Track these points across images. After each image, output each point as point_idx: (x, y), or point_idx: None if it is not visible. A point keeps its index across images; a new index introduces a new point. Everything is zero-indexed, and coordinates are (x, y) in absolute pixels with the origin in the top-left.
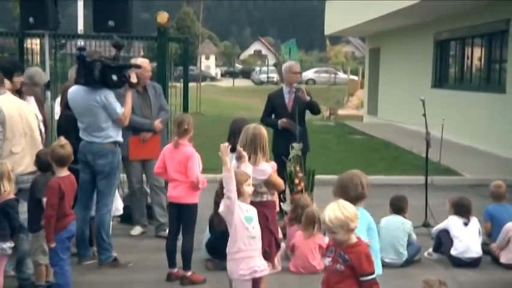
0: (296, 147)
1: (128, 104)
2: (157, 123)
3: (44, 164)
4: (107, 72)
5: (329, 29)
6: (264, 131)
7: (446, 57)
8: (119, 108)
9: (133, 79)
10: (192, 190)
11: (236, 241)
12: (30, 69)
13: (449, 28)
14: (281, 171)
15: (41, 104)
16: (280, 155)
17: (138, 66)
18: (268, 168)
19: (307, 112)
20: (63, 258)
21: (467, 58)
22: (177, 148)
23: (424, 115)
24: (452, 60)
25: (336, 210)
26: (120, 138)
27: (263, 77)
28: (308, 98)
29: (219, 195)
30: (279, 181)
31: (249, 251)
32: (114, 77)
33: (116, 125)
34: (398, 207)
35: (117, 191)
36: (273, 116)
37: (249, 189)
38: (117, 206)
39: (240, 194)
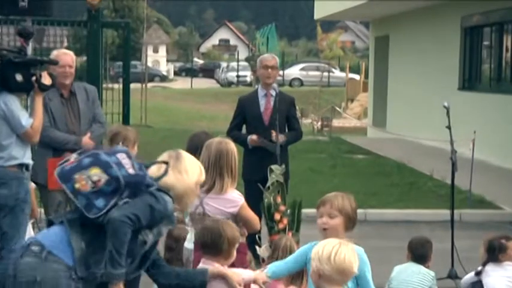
0: (276, 171)
1: (37, 114)
2: (87, 140)
3: None
4: (8, 70)
5: (320, 11)
6: (232, 146)
7: (478, 49)
8: (25, 120)
9: (46, 80)
10: None
11: None
12: None
13: (482, 10)
14: (255, 203)
15: None
16: (253, 182)
17: (53, 62)
18: (239, 197)
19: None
20: None
21: (507, 50)
22: None
23: (449, 127)
24: (487, 53)
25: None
26: (28, 160)
27: (231, 75)
28: (282, 140)
29: (172, 236)
30: (253, 217)
31: None
32: (19, 77)
33: (22, 141)
34: (420, 254)
35: (31, 230)
36: (244, 129)
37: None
38: None
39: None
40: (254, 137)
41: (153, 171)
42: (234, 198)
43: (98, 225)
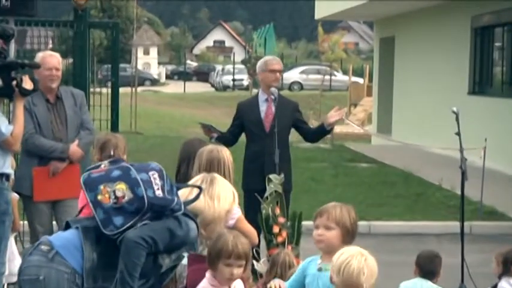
0: (275, 181)
1: (18, 120)
2: (75, 148)
3: None
4: None
5: (321, 10)
6: (224, 154)
7: (489, 50)
8: (4, 127)
9: (27, 84)
10: None
11: None
12: None
13: (493, 9)
14: (253, 215)
15: None
16: (253, 192)
17: (35, 65)
18: (236, 210)
19: (292, 130)
20: None
21: None
22: None
23: (458, 134)
24: (499, 55)
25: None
26: (8, 170)
27: (227, 79)
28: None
29: None
30: (251, 230)
31: None
32: None
33: (2, 150)
34: (429, 270)
35: (13, 244)
36: (243, 136)
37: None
38: (12, 269)
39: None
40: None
41: (185, 193)
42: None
43: (114, 240)
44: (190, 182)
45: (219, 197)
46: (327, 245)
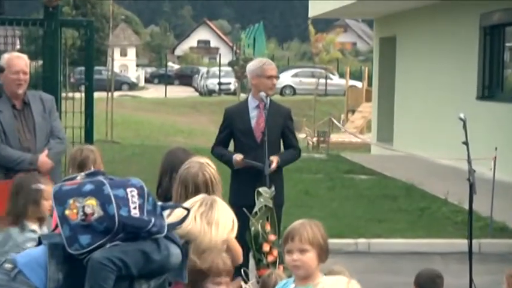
0: (265, 194)
1: None
2: (44, 159)
3: None
4: None
5: (315, 8)
6: (212, 172)
7: (500, 51)
8: None
9: None
10: None
11: None
12: None
13: (504, 6)
14: (241, 232)
15: None
16: (240, 207)
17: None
18: None
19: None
20: None
21: None
22: None
23: (466, 143)
24: (510, 57)
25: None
26: None
27: (212, 83)
28: (273, 166)
29: None
30: (236, 247)
31: None
32: None
33: None
34: None
35: None
36: (231, 145)
37: None
38: None
39: None
40: (238, 157)
41: (177, 215)
42: None
43: (81, 260)
44: (189, 202)
45: (217, 224)
46: (305, 270)
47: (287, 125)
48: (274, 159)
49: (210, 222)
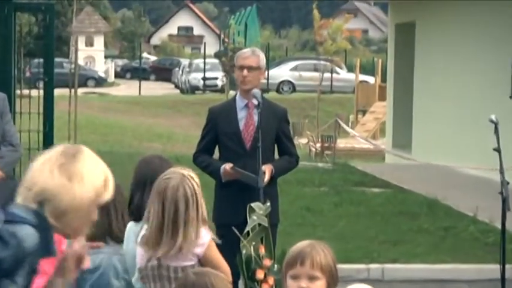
0: (258, 211)
1: None
2: None
3: None
4: None
5: None
6: (192, 190)
7: None
8: None
9: None
10: None
11: None
12: None
13: None
14: (230, 256)
15: None
16: (227, 226)
17: None
18: (204, 234)
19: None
20: None
21: None
22: None
23: (498, 150)
24: None
25: None
26: None
27: (196, 77)
28: (266, 178)
29: None
30: (223, 263)
31: None
32: None
33: None
34: None
35: None
36: (216, 153)
37: None
38: None
39: None
40: (228, 167)
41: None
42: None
43: None
44: (46, 154)
45: (81, 178)
46: None
47: (282, 127)
48: (267, 169)
49: (72, 176)
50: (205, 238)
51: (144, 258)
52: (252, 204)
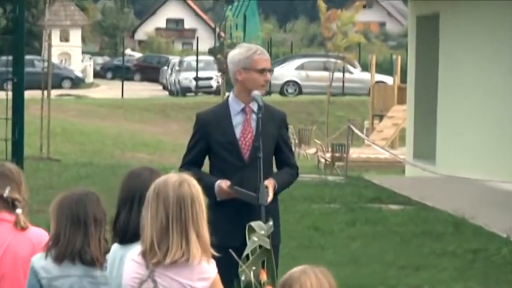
0: (259, 231)
1: None
2: None
3: None
4: None
5: None
6: (196, 189)
7: None
8: None
9: None
10: None
11: None
12: None
13: None
14: (227, 282)
15: None
16: (223, 249)
17: None
18: (211, 267)
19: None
20: None
21: None
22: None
23: None
24: None
25: None
26: None
27: (187, 77)
28: (270, 197)
29: None
30: None
31: None
32: None
33: None
34: None
35: None
36: (205, 165)
37: None
38: None
39: None
40: (225, 185)
41: None
42: (203, 267)
43: None
44: None
45: None
46: None
47: (281, 134)
48: (269, 185)
49: None
50: (212, 272)
51: (136, 281)
52: (252, 223)
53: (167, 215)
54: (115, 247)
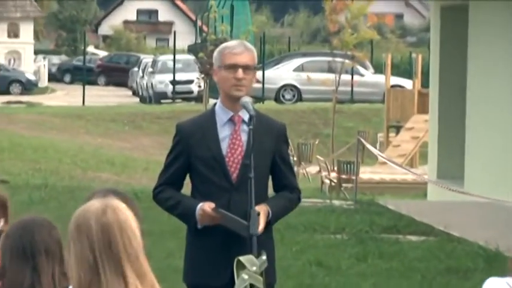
0: (250, 267)
1: None
2: None
3: None
4: None
5: None
6: (124, 215)
7: None
8: None
9: None
10: None
11: None
12: None
13: None
14: None
15: None
16: None
17: None
18: None
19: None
20: None
21: None
22: None
23: None
24: None
25: None
26: None
27: (162, 81)
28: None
29: None
30: None
31: None
32: None
33: None
34: None
35: None
36: (186, 187)
37: None
38: None
39: None
40: (208, 207)
41: None
42: None
43: None
44: None
45: None
46: None
47: (280, 150)
48: (261, 211)
49: None
50: None
51: None
52: (241, 258)
53: (93, 251)
54: None
